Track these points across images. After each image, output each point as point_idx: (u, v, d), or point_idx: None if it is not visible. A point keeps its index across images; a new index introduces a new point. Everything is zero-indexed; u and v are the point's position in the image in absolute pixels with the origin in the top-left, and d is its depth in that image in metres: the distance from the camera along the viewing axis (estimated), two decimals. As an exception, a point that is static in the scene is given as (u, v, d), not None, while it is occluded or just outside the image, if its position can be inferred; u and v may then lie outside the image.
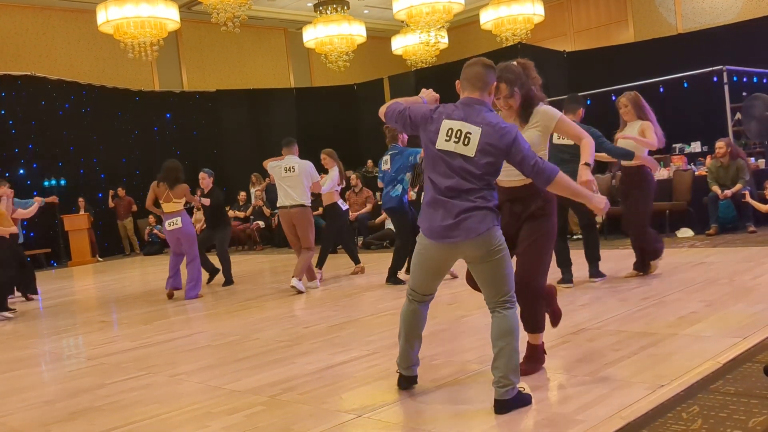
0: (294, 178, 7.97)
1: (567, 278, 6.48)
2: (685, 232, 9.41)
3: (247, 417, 3.59)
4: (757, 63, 13.03)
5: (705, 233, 9.14)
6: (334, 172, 8.87)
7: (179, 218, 8.24)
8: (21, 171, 15.62)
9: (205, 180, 9.51)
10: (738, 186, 9.08)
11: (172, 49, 19.17)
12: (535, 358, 3.91)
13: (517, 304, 3.43)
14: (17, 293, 9.87)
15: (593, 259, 6.65)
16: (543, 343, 3.95)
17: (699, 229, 9.34)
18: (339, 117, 19.70)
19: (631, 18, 19.39)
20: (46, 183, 15.82)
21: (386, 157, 7.88)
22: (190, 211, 16.24)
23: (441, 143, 3.38)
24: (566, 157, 6.02)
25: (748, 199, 8.90)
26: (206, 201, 9.34)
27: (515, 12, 16.28)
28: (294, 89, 20.94)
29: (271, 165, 8.25)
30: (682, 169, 10.23)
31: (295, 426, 3.38)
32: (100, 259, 16.19)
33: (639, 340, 4.26)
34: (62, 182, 16.31)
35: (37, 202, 9.90)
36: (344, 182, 9.35)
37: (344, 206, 9.20)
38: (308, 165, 8.14)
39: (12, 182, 10.50)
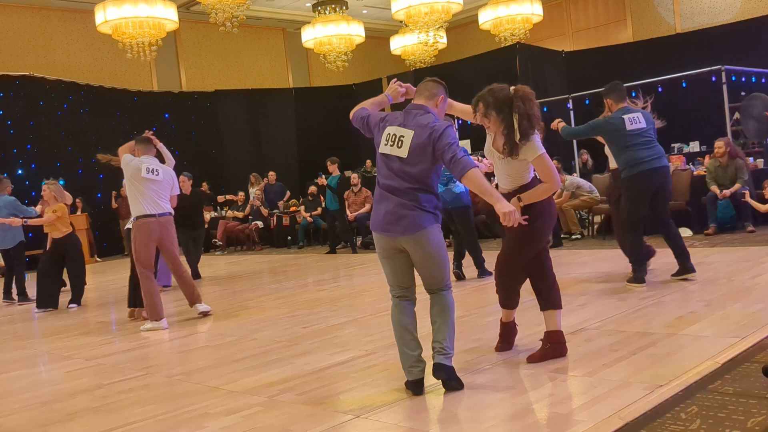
0: (158, 183, 6.66)
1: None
2: (684, 232, 9.37)
3: (245, 418, 3.58)
4: (756, 62, 13.04)
5: (703, 233, 9.13)
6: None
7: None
8: (19, 171, 15.60)
9: (185, 183, 9.93)
10: (737, 186, 9.07)
11: (170, 50, 19.16)
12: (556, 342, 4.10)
13: (451, 288, 3.82)
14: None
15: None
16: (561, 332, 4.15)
17: (697, 229, 9.33)
18: (338, 117, 19.65)
19: (630, 18, 19.40)
20: (44, 183, 15.75)
21: None
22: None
23: (382, 147, 3.76)
24: (645, 140, 6.02)
25: (748, 198, 8.89)
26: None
27: (514, 12, 16.28)
28: (292, 89, 20.94)
29: (129, 159, 6.78)
30: (681, 169, 10.22)
31: (294, 426, 3.38)
32: (98, 259, 16.17)
33: (637, 340, 4.25)
34: (60, 182, 16.22)
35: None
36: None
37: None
38: (172, 172, 6.98)
39: (11, 182, 10.46)
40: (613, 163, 6.53)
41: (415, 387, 3.66)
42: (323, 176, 12.31)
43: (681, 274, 6.11)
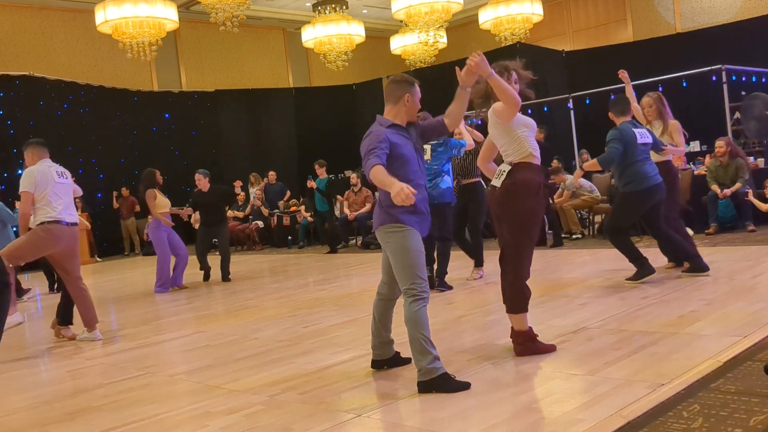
0: (68, 187, 6.30)
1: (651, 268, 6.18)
2: (685, 231, 9.39)
3: (246, 417, 3.58)
4: (756, 62, 13.03)
5: (704, 232, 9.12)
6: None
7: (149, 223, 9.37)
8: (19, 171, 15.57)
9: (202, 181, 9.82)
10: (737, 185, 9.07)
11: (170, 49, 19.16)
12: (523, 340, 4.21)
13: (421, 299, 3.73)
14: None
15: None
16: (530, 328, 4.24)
17: (698, 229, 9.31)
18: (338, 117, 19.72)
19: (630, 17, 19.40)
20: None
21: (425, 147, 6.81)
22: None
23: None
24: (647, 156, 6.17)
25: (751, 197, 8.89)
26: (188, 211, 9.91)
27: (514, 11, 16.28)
28: (293, 89, 20.95)
29: (36, 170, 6.17)
30: (682, 169, 10.20)
31: (295, 426, 3.37)
32: (98, 259, 16.16)
33: (639, 339, 4.25)
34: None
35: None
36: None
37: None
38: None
39: (10, 183, 10.46)
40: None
41: (375, 365, 4.21)
42: (311, 179, 12.48)
43: (693, 271, 6.22)
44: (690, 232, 9.24)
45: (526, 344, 4.16)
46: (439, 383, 3.62)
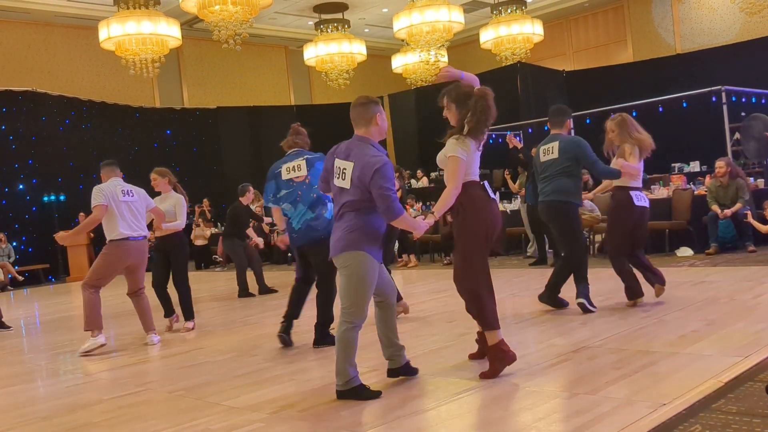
0: (134, 204, 6.48)
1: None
2: (685, 252, 9.40)
3: (245, 434, 3.57)
4: (756, 83, 13.12)
5: (705, 252, 9.13)
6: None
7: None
8: (20, 186, 15.62)
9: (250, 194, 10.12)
10: (737, 205, 9.08)
11: (173, 66, 19.27)
12: (496, 358, 4.13)
13: (353, 323, 3.92)
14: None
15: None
16: (502, 340, 4.16)
17: (699, 249, 9.33)
18: (339, 134, 19.57)
19: (630, 38, 19.53)
20: (45, 198, 15.83)
21: (299, 162, 6.01)
22: (188, 227, 16.28)
23: (335, 180, 4.07)
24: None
25: (750, 219, 8.90)
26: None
27: (515, 31, 16.41)
28: (294, 107, 21.04)
29: (103, 186, 6.41)
30: (682, 189, 10.24)
31: (295, 443, 3.36)
32: (99, 275, 16.13)
33: (640, 359, 4.24)
34: (61, 198, 16.31)
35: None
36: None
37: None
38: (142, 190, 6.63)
39: (11, 197, 10.48)
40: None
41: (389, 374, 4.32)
42: None
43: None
44: (690, 252, 9.31)
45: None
46: (353, 393, 3.93)
